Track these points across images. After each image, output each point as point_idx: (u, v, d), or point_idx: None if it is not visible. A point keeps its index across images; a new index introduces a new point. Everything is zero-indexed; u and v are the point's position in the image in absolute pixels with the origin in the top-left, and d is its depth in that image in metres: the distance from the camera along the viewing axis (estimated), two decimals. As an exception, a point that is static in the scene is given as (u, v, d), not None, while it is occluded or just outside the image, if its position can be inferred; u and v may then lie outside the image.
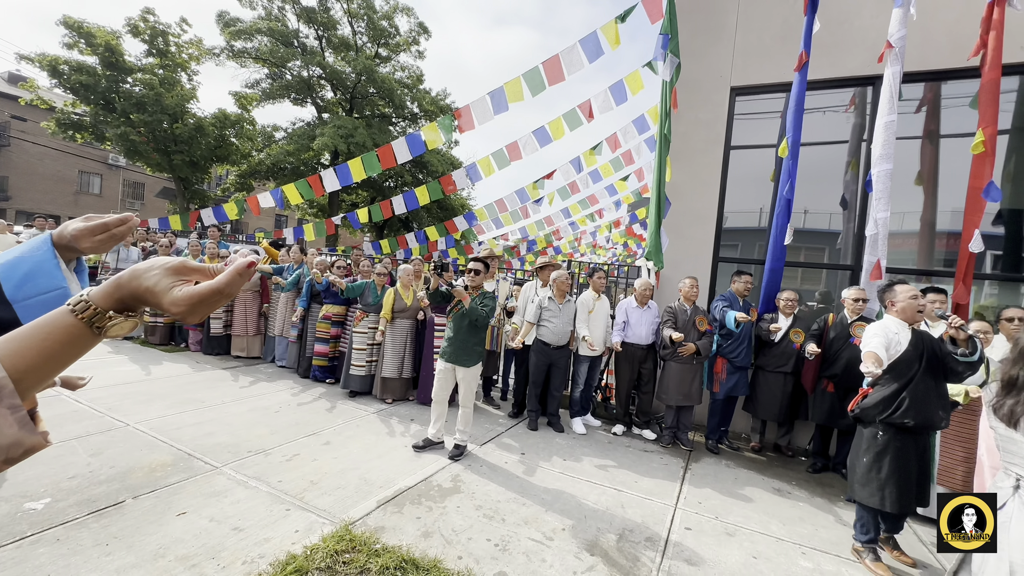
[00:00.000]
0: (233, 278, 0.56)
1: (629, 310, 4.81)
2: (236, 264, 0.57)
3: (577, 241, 16.54)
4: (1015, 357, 1.59)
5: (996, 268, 4.77)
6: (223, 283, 0.56)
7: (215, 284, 0.56)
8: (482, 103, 6.77)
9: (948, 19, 4.60)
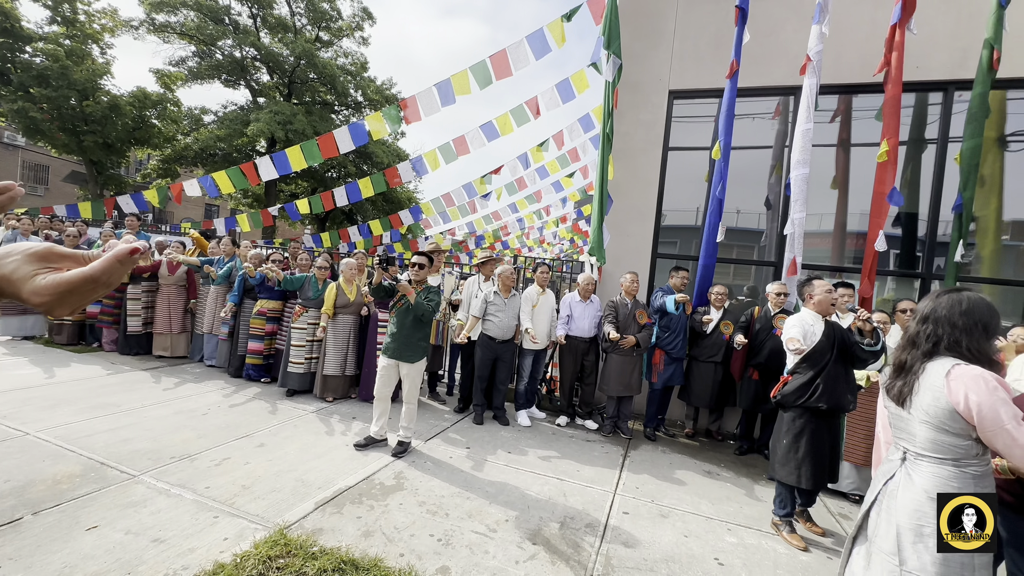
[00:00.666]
0: (110, 265, 0.49)
1: (573, 304, 4.93)
2: (116, 250, 0.49)
3: (525, 236, 16.69)
4: (904, 344, 1.79)
5: (896, 265, 5.31)
6: (97, 270, 0.48)
7: (87, 271, 0.48)
8: (429, 94, 6.65)
9: (858, 38, 5.04)
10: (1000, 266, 5.16)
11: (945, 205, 4.96)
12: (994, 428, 1.47)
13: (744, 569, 2.74)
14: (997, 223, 5.12)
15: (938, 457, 1.62)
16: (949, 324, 1.64)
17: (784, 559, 2.88)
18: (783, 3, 5.31)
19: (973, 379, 1.52)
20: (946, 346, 1.64)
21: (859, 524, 1.89)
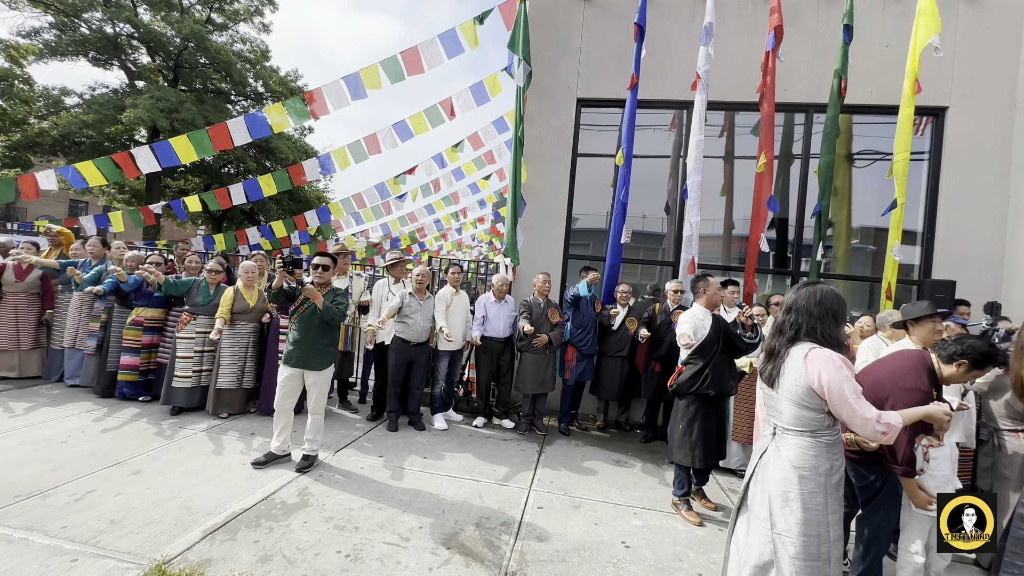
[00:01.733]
0: None
1: (487, 305, 4.95)
2: None
3: (443, 238, 16.51)
4: (773, 332, 2.02)
5: (773, 264, 6.00)
6: None
7: None
8: (336, 87, 6.32)
9: (738, 61, 5.63)
10: (851, 265, 6.04)
11: (809, 212, 5.71)
12: (840, 402, 1.70)
13: (648, 549, 2.91)
14: (848, 228, 5.99)
15: (799, 430, 1.85)
16: (807, 313, 1.87)
17: (683, 535, 3.11)
18: (676, 24, 5.78)
19: (824, 360, 1.75)
20: (805, 332, 1.87)
21: (742, 496, 2.09)
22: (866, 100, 5.49)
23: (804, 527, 1.79)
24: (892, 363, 2.38)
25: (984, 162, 5.35)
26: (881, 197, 5.68)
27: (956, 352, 2.26)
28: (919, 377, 2.21)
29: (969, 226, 5.34)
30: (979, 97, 5.37)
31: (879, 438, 1.70)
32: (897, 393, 2.18)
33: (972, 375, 2.26)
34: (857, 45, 5.23)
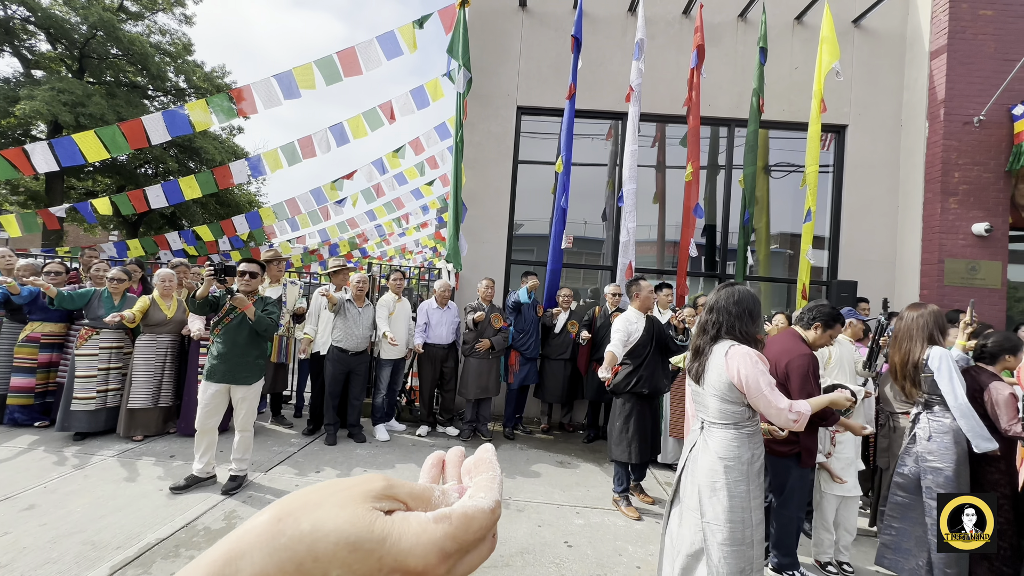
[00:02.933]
0: None
1: (430, 311, 4.88)
2: None
3: (385, 243, 16.11)
4: (697, 331, 2.15)
5: (703, 268, 6.36)
6: None
7: None
8: (267, 85, 6.02)
9: (667, 76, 5.96)
10: (772, 268, 6.54)
11: (733, 219, 6.12)
12: (756, 394, 1.83)
13: (590, 547, 2.98)
14: (767, 234, 6.48)
15: (723, 423, 1.97)
16: (727, 312, 2.00)
17: (622, 530, 3.20)
18: (610, 39, 6.03)
19: (742, 356, 1.87)
20: (725, 330, 2.00)
21: (674, 489, 2.19)
22: (780, 116, 5.99)
23: (730, 514, 1.91)
24: (780, 342, 2.69)
25: (877, 175, 5.99)
26: (796, 206, 6.20)
27: (810, 318, 2.65)
28: (799, 344, 2.59)
29: (867, 232, 5.96)
30: (872, 117, 6.02)
31: (791, 426, 1.84)
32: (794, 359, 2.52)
33: (829, 334, 2.66)
34: (771, 66, 5.70)
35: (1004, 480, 2.73)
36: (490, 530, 0.32)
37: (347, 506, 0.29)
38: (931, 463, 2.61)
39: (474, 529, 0.31)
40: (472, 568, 0.32)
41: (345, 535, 0.28)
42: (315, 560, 0.27)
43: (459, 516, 0.31)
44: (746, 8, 5.93)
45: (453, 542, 0.30)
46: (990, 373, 2.85)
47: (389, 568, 0.28)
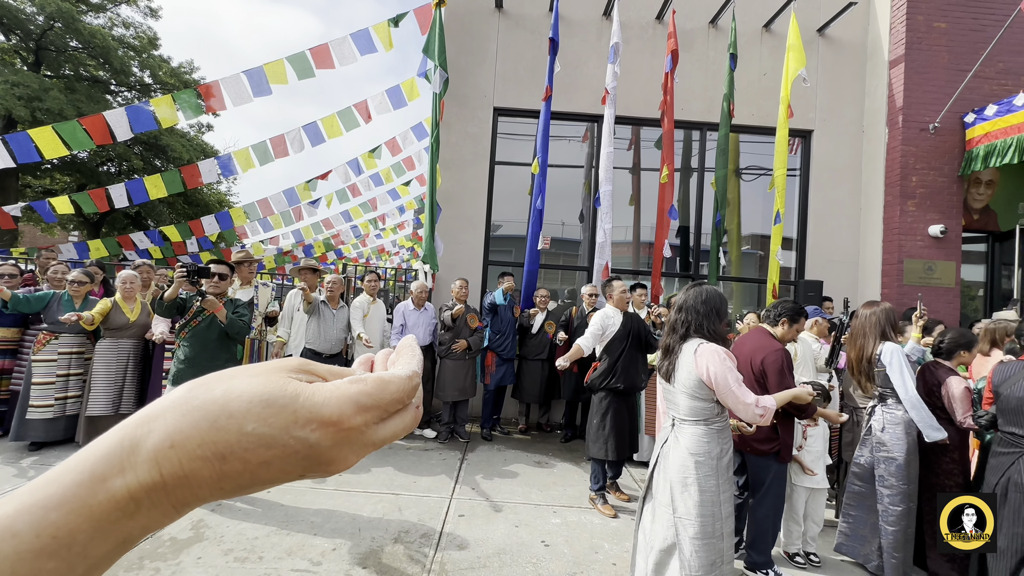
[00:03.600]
0: None
1: (406, 313, 4.84)
2: None
3: (362, 244, 15.89)
4: (667, 331, 2.19)
5: (678, 268, 6.48)
6: None
7: None
8: (237, 82, 5.88)
9: (642, 80, 6.06)
10: (743, 268, 6.71)
11: (706, 221, 6.26)
12: (725, 390, 1.88)
13: (566, 545, 2.99)
14: (738, 236, 6.65)
15: (694, 420, 2.01)
16: (695, 311, 2.05)
17: (599, 528, 3.23)
18: (585, 42, 6.09)
19: (711, 354, 1.92)
20: (694, 329, 2.04)
21: (647, 486, 2.23)
22: (749, 121, 6.16)
23: (700, 508, 1.95)
24: (752, 340, 2.77)
25: (841, 179, 6.22)
26: (765, 208, 6.37)
27: (776, 315, 2.75)
28: (770, 340, 2.68)
29: (832, 233, 6.18)
30: (836, 123, 6.25)
31: (759, 420, 1.89)
32: (769, 355, 2.59)
33: (795, 328, 2.78)
34: (740, 72, 5.85)
35: (957, 469, 2.87)
36: (408, 396, 0.33)
37: (261, 375, 0.30)
38: (884, 453, 2.72)
39: (391, 391, 0.32)
40: (396, 434, 0.33)
41: (259, 393, 0.28)
42: (229, 416, 0.27)
43: (374, 378, 0.32)
44: (716, 15, 6.09)
45: (368, 398, 0.31)
46: (947, 368, 2.99)
47: (304, 419, 0.29)
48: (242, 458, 0.27)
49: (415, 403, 0.34)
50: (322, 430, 0.29)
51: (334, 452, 0.29)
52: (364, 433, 0.31)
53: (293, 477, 0.30)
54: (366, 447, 0.31)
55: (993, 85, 5.66)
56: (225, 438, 0.27)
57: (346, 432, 0.29)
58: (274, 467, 0.28)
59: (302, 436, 0.28)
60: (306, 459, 0.29)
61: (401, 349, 0.38)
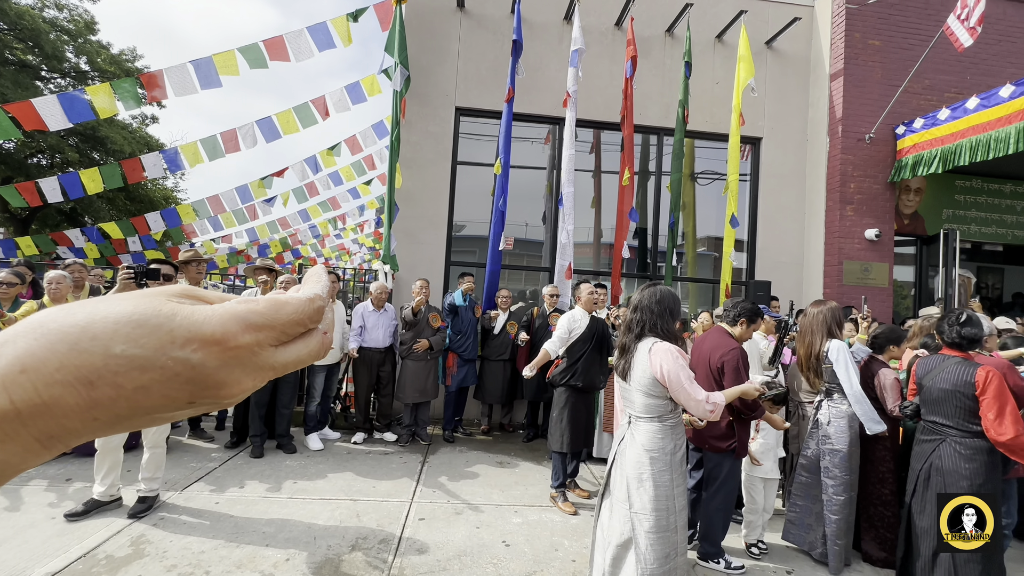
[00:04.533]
0: None
1: (366, 314, 4.73)
2: None
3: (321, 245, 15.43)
4: (623, 330, 2.24)
5: (636, 269, 6.65)
6: None
7: None
8: (182, 72, 5.59)
9: (602, 84, 6.18)
10: (698, 269, 6.95)
11: (663, 223, 6.45)
12: (677, 388, 1.94)
13: (527, 544, 3.01)
14: (694, 238, 6.89)
15: (649, 417, 2.06)
16: (649, 311, 2.11)
17: (559, 526, 3.27)
18: (547, 45, 6.16)
19: (664, 352, 1.98)
20: (648, 328, 2.10)
21: (605, 482, 2.27)
22: (703, 128, 6.40)
23: (655, 503, 2.00)
24: (711, 339, 2.88)
25: (787, 184, 6.56)
26: (719, 211, 6.64)
27: (735, 315, 2.86)
28: (727, 339, 2.79)
29: (779, 236, 6.50)
30: (783, 131, 6.59)
31: (709, 416, 1.97)
32: (726, 353, 2.69)
33: (752, 328, 2.90)
34: (695, 80, 6.08)
35: (889, 455, 3.08)
36: (311, 319, 0.30)
37: (133, 298, 0.27)
38: (829, 445, 2.89)
39: (287, 312, 0.29)
40: (300, 359, 0.31)
41: (127, 314, 0.25)
42: (92, 338, 0.24)
43: (267, 298, 0.29)
44: (672, 24, 6.29)
45: (259, 316, 0.28)
46: (880, 362, 3.21)
47: (183, 339, 0.26)
48: (113, 383, 0.24)
49: (322, 328, 0.32)
50: (205, 349, 0.26)
51: (223, 374, 0.27)
52: (257, 354, 0.28)
53: (181, 404, 0.27)
54: (262, 370, 0.29)
55: (920, 100, 6.12)
56: (90, 361, 0.24)
57: (234, 351, 0.27)
58: (154, 392, 0.26)
59: (181, 356, 0.26)
60: (190, 382, 0.26)
61: (308, 278, 0.35)
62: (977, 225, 6.57)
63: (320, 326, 0.32)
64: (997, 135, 4.88)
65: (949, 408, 2.44)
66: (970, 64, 6.22)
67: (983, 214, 6.59)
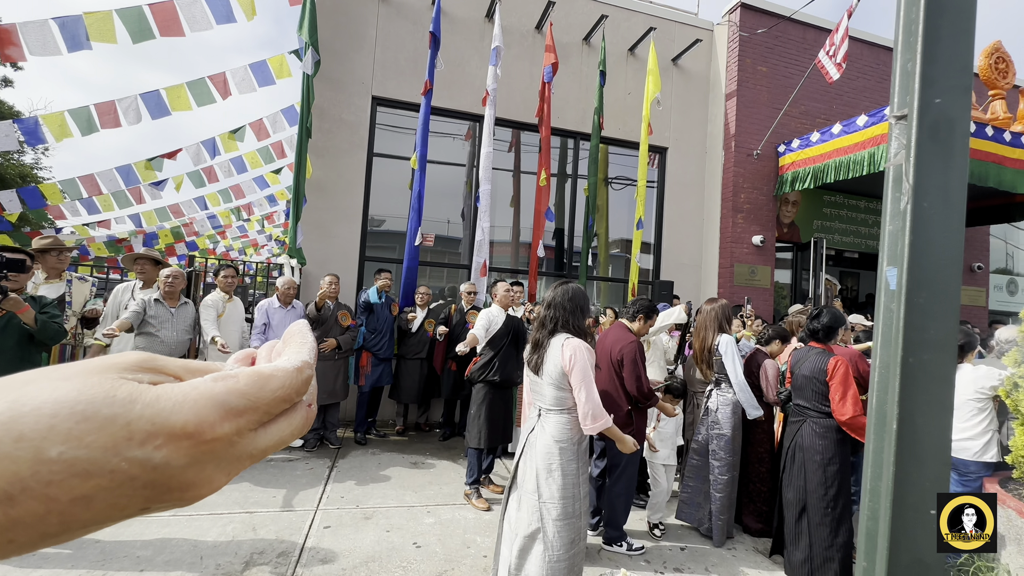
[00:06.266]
0: None
1: (270, 311, 4.40)
2: None
3: (220, 236, 14.08)
4: (537, 326, 2.30)
5: (553, 268, 6.84)
6: None
7: None
8: (43, 30, 4.81)
9: (521, 86, 6.28)
10: (611, 269, 7.32)
11: (578, 224, 6.71)
12: (577, 384, 2.03)
13: (439, 544, 2.98)
14: (606, 239, 7.25)
15: (558, 409, 2.13)
16: (562, 308, 2.19)
17: (472, 523, 3.27)
18: (468, 41, 6.13)
19: (575, 348, 2.06)
20: (561, 324, 2.17)
21: (512, 476, 2.30)
22: (617, 135, 6.74)
23: (563, 491, 2.07)
24: (612, 334, 3.07)
25: (689, 192, 7.13)
26: (631, 215, 7.04)
27: (634, 311, 3.09)
28: (627, 334, 2.99)
29: (681, 240, 7.04)
30: (685, 143, 7.14)
31: (589, 422, 2.06)
32: (625, 346, 2.88)
33: (650, 324, 3.14)
34: (609, 89, 6.39)
35: (766, 438, 3.46)
36: (298, 393, 0.26)
37: (76, 376, 0.21)
38: (717, 430, 3.18)
39: (272, 388, 0.25)
40: (283, 440, 0.26)
41: (68, 405, 0.20)
42: (17, 440, 0.18)
43: (250, 373, 0.24)
44: (589, 33, 6.55)
45: (242, 398, 0.23)
46: (764, 354, 3.60)
47: (144, 434, 0.20)
48: (43, 495, 0.19)
49: (306, 400, 0.28)
50: (172, 445, 0.21)
51: (192, 473, 0.22)
52: (235, 444, 0.23)
53: (132, 512, 0.21)
54: (240, 461, 0.24)
55: (797, 123, 6.94)
56: (12, 469, 0.18)
57: (209, 445, 0.22)
58: (99, 502, 0.20)
59: (140, 456, 0.20)
60: (149, 486, 0.21)
61: (289, 337, 0.30)
62: (840, 235, 7.60)
63: (305, 397, 0.27)
64: (855, 157, 5.67)
65: (809, 392, 2.80)
66: (836, 95, 7.18)
67: (844, 225, 7.64)
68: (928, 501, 0.46)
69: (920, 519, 0.46)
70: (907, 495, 0.47)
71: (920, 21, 0.49)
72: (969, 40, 0.50)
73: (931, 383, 0.49)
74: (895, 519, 0.46)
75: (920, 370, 0.49)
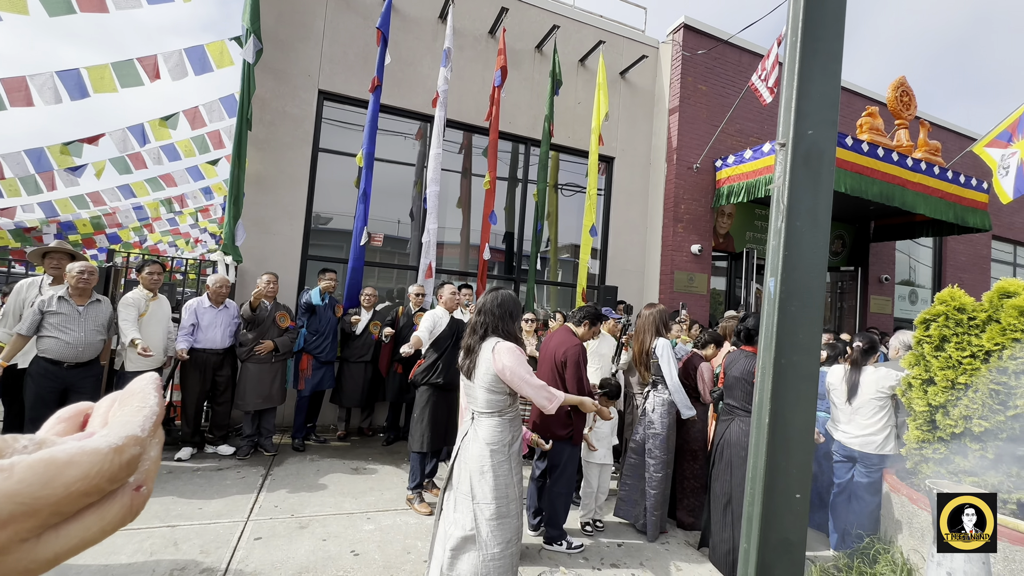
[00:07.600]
0: None
1: (200, 311, 4.14)
2: None
3: (147, 228, 13.07)
4: (469, 331, 2.32)
5: (503, 271, 6.89)
6: None
7: None
8: (-64, -5, 4.30)
9: (473, 89, 6.29)
10: (560, 273, 7.46)
11: (528, 228, 6.80)
12: (519, 381, 2.06)
13: (378, 551, 2.92)
14: (556, 244, 7.39)
15: (491, 412, 2.16)
16: (491, 314, 2.22)
17: (413, 528, 3.23)
18: (420, 40, 6.07)
19: (506, 351, 2.09)
20: (491, 329, 2.21)
21: (448, 477, 2.30)
22: (567, 143, 6.91)
23: (496, 492, 2.10)
24: (557, 337, 3.18)
25: (634, 201, 7.41)
26: (579, 221, 7.21)
27: (580, 317, 3.22)
28: (571, 337, 3.11)
29: (626, 247, 7.30)
30: (631, 154, 7.43)
31: (546, 404, 2.12)
32: (569, 349, 3.00)
33: (594, 330, 3.27)
34: (560, 97, 6.53)
35: (700, 436, 3.65)
36: (112, 480, 0.21)
37: None
38: (652, 430, 3.33)
39: (66, 481, 0.20)
40: (89, 538, 0.21)
41: None
42: None
43: (29, 464, 0.19)
44: (542, 41, 6.68)
45: (9, 501, 0.18)
46: (700, 357, 3.80)
47: None
48: None
49: (132, 483, 0.23)
50: None
51: None
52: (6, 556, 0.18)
53: None
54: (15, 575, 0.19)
55: (733, 140, 7.40)
56: None
57: None
58: None
59: None
60: None
61: (127, 396, 0.25)
62: (769, 246, 8.15)
63: (132, 479, 0.22)
64: (782, 175, 6.11)
65: (738, 392, 2.99)
66: (768, 116, 7.72)
67: (773, 237, 8.20)
68: (793, 486, 0.52)
69: (787, 502, 0.52)
70: (776, 481, 0.53)
71: (797, 61, 0.56)
72: (836, 80, 0.57)
73: (799, 381, 0.55)
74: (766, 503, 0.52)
75: (790, 370, 0.56)
